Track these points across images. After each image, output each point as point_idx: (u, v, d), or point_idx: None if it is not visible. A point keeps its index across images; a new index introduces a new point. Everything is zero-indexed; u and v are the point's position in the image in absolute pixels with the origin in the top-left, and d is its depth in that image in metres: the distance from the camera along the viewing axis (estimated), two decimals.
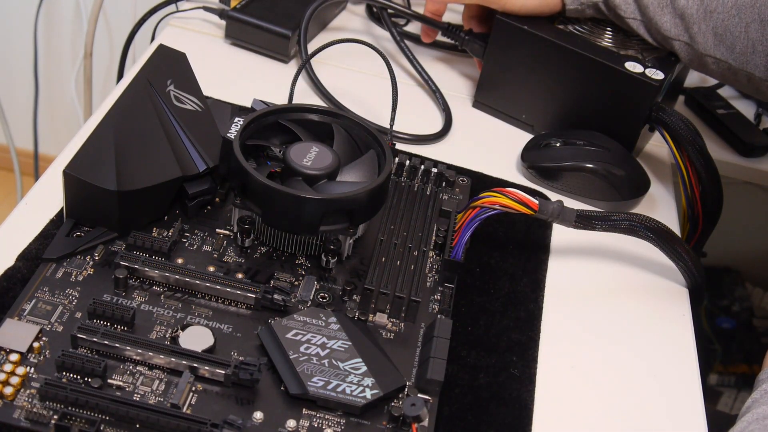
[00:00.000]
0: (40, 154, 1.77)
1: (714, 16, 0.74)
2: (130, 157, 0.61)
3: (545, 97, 0.85)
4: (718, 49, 0.75)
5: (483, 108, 0.90)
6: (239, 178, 0.62)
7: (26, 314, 0.56)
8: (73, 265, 0.60)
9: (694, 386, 0.64)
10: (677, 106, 0.99)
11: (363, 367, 0.56)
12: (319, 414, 0.54)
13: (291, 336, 0.57)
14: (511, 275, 0.69)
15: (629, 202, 0.79)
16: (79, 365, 0.52)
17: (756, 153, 0.99)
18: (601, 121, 0.83)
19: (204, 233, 0.65)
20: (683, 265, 0.70)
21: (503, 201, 0.64)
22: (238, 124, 0.64)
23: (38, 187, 0.68)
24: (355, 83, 0.78)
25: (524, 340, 0.64)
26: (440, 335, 0.57)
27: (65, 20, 1.67)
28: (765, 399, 0.55)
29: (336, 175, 0.65)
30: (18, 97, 1.78)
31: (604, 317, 0.68)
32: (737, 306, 1.24)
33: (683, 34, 0.76)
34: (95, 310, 0.56)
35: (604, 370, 0.64)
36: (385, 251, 0.65)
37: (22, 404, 0.51)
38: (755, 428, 0.52)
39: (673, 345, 0.67)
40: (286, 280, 0.63)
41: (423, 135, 0.83)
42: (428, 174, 0.74)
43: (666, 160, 0.89)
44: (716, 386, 1.20)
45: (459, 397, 0.58)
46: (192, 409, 0.53)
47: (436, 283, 0.65)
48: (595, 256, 0.74)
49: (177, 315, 0.58)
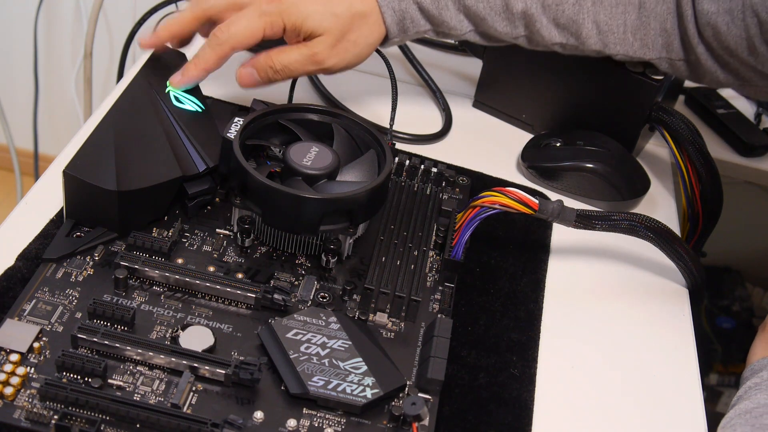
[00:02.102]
0: (40, 154, 1.78)
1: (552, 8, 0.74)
2: (130, 157, 0.61)
3: (545, 97, 0.85)
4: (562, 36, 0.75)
5: (483, 108, 0.90)
6: (239, 177, 0.62)
7: (26, 314, 0.56)
8: (73, 265, 0.60)
9: (694, 386, 0.64)
10: (677, 106, 0.99)
11: (363, 367, 0.56)
12: (319, 413, 0.54)
13: (291, 336, 0.57)
14: (511, 275, 0.69)
15: (629, 202, 0.79)
16: (79, 365, 0.52)
17: (756, 153, 0.99)
18: (601, 121, 0.83)
19: (204, 233, 0.65)
20: (683, 265, 0.70)
21: (503, 200, 0.64)
22: (238, 124, 0.63)
23: (38, 187, 0.68)
24: (355, 83, 0.78)
25: (524, 340, 0.64)
26: (440, 335, 0.57)
27: (65, 20, 1.67)
28: (748, 395, 0.56)
29: (336, 174, 0.65)
30: (18, 97, 1.78)
31: (604, 317, 0.68)
32: (737, 306, 1.24)
33: (523, 31, 0.76)
34: (95, 311, 0.56)
35: (604, 370, 0.64)
36: (385, 251, 0.65)
37: (22, 404, 0.51)
38: (737, 423, 0.53)
39: (673, 345, 0.67)
40: (286, 280, 0.63)
41: (423, 135, 0.83)
42: (428, 174, 0.74)
43: (666, 160, 0.89)
44: (716, 386, 1.20)
45: (459, 397, 0.58)
46: (192, 408, 0.53)
47: (436, 282, 0.65)
48: (595, 256, 0.74)
49: (177, 315, 0.58)
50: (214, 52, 0.68)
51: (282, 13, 0.68)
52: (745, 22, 0.69)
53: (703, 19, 0.71)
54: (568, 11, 0.73)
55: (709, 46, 0.73)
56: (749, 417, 0.53)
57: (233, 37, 0.68)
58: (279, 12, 0.68)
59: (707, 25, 0.71)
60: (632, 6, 0.73)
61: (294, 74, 0.72)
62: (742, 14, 0.69)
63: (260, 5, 0.69)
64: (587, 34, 0.74)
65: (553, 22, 0.74)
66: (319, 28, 0.70)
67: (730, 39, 0.71)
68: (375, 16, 0.73)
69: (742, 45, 0.70)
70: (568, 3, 0.73)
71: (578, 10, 0.73)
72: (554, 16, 0.74)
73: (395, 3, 0.73)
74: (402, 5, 0.73)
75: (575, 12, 0.73)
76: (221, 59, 0.68)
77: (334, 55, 0.71)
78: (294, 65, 0.70)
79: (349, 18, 0.71)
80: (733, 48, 0.71)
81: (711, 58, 0.74)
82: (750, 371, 0.59)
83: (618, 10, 0.73)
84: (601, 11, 0.73)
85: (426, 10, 0.74)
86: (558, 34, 0.75)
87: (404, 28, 0.75)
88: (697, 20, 0.72)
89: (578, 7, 0.73)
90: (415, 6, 0.74)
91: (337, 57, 0.72)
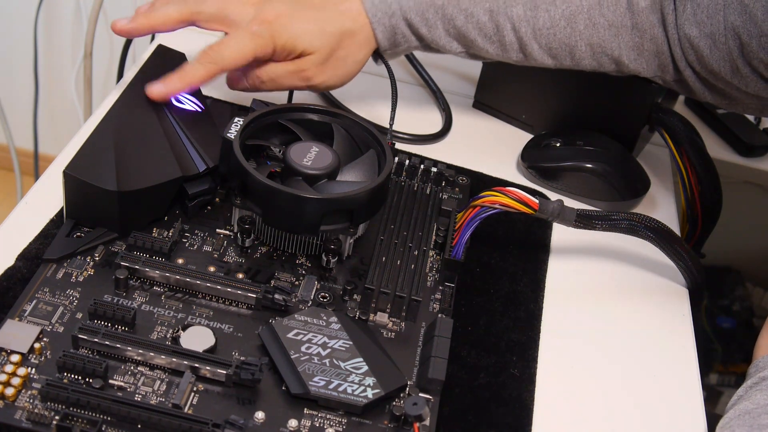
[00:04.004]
0: (40, 153, 1.78)
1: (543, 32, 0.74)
2: (130, 157, 0.61)
3: (545, 98, 0.86)
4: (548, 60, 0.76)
5: (483, 108, 0.90)
6: (239, 177, 0.62)
7: (27, 315, 0.56)
8: (74, 265, 0.60)
9: (694, 386, 0.64)
10: (677, 106, 0.99)
11: (364, 367, 0.56)
12: (320, 414, 0.54)
13: (292, 336, 0.57)
14: (511, 275, 0.69)
15: (629, 202, 0.79)
16: (80, 366, 0.52)
17: (756, 153, 0.99)
18: (601, 121, 0.83)
19: (204, 233, 0.65)
20: (683, 264, 0.70)
21: (503, 200, 0.64)
22: (238, 124, 0.64)
23: (38, 187, 0.68)
24: (355, 83, 0.78)
25: (524, 340, 0.64)
26: (441, 334, 0.57)
27: (65, 20, 1.67)
28: (748, 395, 0.55)
29: (336, 174, 0.65)
30: (18, 97, 1.78)
31: (604, 317, 0.68)
32: (737, 306, 1.24)
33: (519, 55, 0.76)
34: (96, 311, 0.56)
35: (604, 370, 0.64)
36: (386, 251, 0.65)
37: (23, 405, 0.51)
38: (736, 424, 0.53)
39: (673, 345, 0.67)
40: (286, 280, 0.63)
41: (423, 135, 0.83)
42: (428, 173, 0.74)
43: (666, 160, 0.89)
44: (716, 386, 1.20)
45: (459, 397, 0.58)
46: (193, 409, 0.53)
47: (436, 282, 0.65)
48: (595, 256, 0.74)
49: (178, 315, 0.58)
50: (204, 70, 0.68)
51: (273, 35, 0.69)
52: (727, 45, 0.69)
53: (686, 43, 0.71)
54: (560, 34, 0.73)
55: (694, 69, 0.73)
56: (748, 418, 0.53)
57: (225, 60, 0.68)
58: (270, 34, 0.69)
59: (690, 49, 0.71)
60: (625, 28, 0.73)
61: (280, 87, 0.72)
62: (724, 37, 0.68)
63: (251, 26, 0.69)
64: (581, 55, 0.74)
65: (546, 47, 0.74)
66: (309, 47, 0.70)
67: (713, 62, 0.70)
68: (364, 34, 0.74)
69: (725, 68, 0.70)
70: (559, 26, 0.73)
71: (570, 33, 0.73)
72: (546, 41, 0.74)
73: (385, 19, 0.73)
74: (392, 21, 0.74)
75: (567, 35, 0.73)
76: (209, 78, 0.69)
77: (322, 73, 0.72)
78: (281, 80, 0.71)
79: (338, 36, 0.72)
80: (717, 71, 0.71)
81: (698, 81, 0.74)
82: (754, 367, 0.59)
83: (611, 32, 0.73)
84: (594, 34, 0.73)
85: (415, 28, 0.74)
86: (550, 57, 0.75)
87: (395, 43, 0.75)
88: (681, 44, 0.72)
89: (570, 30, 0.73)
90: (404, 23, 0.74)
91: (325, 75, 0.72)
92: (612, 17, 0.72)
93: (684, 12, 0.70)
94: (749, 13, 0.66)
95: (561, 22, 0.73)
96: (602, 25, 0.73)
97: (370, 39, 0.74)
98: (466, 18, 0.73)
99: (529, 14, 0.73)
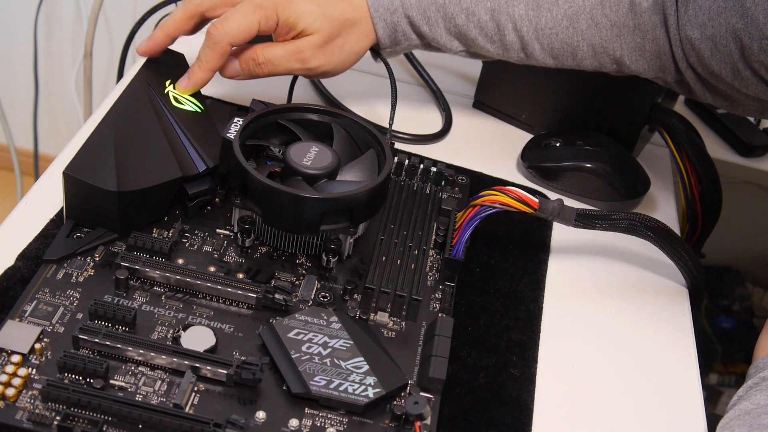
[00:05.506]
0: (40, 153, 1.77)
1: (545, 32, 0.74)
2: (129, 157, 0.61)
3: (545, 97, 0.86)
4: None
5: (483, 108, 0.90)
6: (239, 177, 0.62)
7: (27, 315, 0.56)
8: (74, 266, 0.60)
9: (694, 386, 0.64)
10: (677, 106, 0.99)
11: (365, 366, 0.56)
12: (321, 413, 0.54)
13: (293, 335, 0.57)
14: (511, 275, 0.69)
15: (629, 202, 0.79)
16: (80, 366, 0.52)
17: (756, 153, 0.99)
18: (601, 121, 0.83)
19: (204, 233, 0.65)
20: (683, 264, 0.70)
21: (503, 199, 0.64)
22: (238, 124, 0.64)
23: (38, 187, 0.68)
24: (355, 83, 0.78)
25: (524, 340, 0.64)
26: (441, 333, 0.57)
27: (65, 20, 1.67)
28: (748, 395, 0.55)
29: (336, 174, 0.65)
30: (18, 97, 1.78)
31: (604, 317, 0.68)
32: (737, 306, 1.24)
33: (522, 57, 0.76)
34: (96, 311, 0.56)
35: (604, 370, 0.64)
36: (386, 250, 0.65)
37: (24, 405, 0.51)
38: (736, 424, 0.53)
39: (673, 345, 0.67)
40: (286, 280, 0.63)
41: (423, 135, 0.83)
42: (428, 173, 0.74)
43: (666, 160, 0.89)
44: (716, 386, 1.20)
45: (459, 396, 0.58)
46: (194, 409, 0.53)
47: (436, 281, 0.65)
48: (595, 256, 0.74)
49: (178, 315, 0.58)
50: (213, 51, 0.68)
51: (277, 8, 0.69)
52: (728, 47, 0.69)
53: (687, 45, 0.71)
54: (562, 34, 0.73)
55: (695, 70, 0.73)
56: (748, 418, 0.53)
57: (229, 33, 0.68)
58: (274, 6, 0.69)
59: (691, 51, 0.71)
60: (627, 29, 0.73)
61: (276, 70, 0.71)
62: (725, 40, 0.68)
63: (254, 0, 0.69)
64: (582, 55, 0.74)
65: (547, 47, 0.74)
66: (310, 27, 0.70)
67: (714, 64, 0.70)
68: (365, 26, 0.73)
69: (726, 70, 0.70)
70: (561, 26, 0.73)
71: (572, 33, 0.73)
72: (548, 41, 0.74)
73: (387, 15, 0.73)
74: (393, 18, 0.74)
75: (569, 35, 0.73)
76: (222, 56, 0.69)
77: (319, 56, 0.71)
78: (277, 60, 0.71)
79: (339, 22, 0.71)
80: (718, 72, 0.71)
81: (699, 82, 0.74)
82: (754, 368, 0.59)
83: (613, 32, 0.73)
84: (596, 34, 0.73)
85: (416, 25, 0.74)
86: (552, 57, 0.75)
87: (396, 41, 0.75)
88: (682, 45, 0.72)
89: (572, 30, 0.73)
90: (406, 20, 0.74)
91: (322, 59, 0.72)
92: (614, 17, 0.72)
93: (685, 13, 0.70)
94: (750, 16, 0.66)
95: (563, 22, 0.73)
96: (604, 26, 0.73)
97: (369, 32, 0.74)
98: (467, 17, 0.73)
99: (531, 14, 0.73)
